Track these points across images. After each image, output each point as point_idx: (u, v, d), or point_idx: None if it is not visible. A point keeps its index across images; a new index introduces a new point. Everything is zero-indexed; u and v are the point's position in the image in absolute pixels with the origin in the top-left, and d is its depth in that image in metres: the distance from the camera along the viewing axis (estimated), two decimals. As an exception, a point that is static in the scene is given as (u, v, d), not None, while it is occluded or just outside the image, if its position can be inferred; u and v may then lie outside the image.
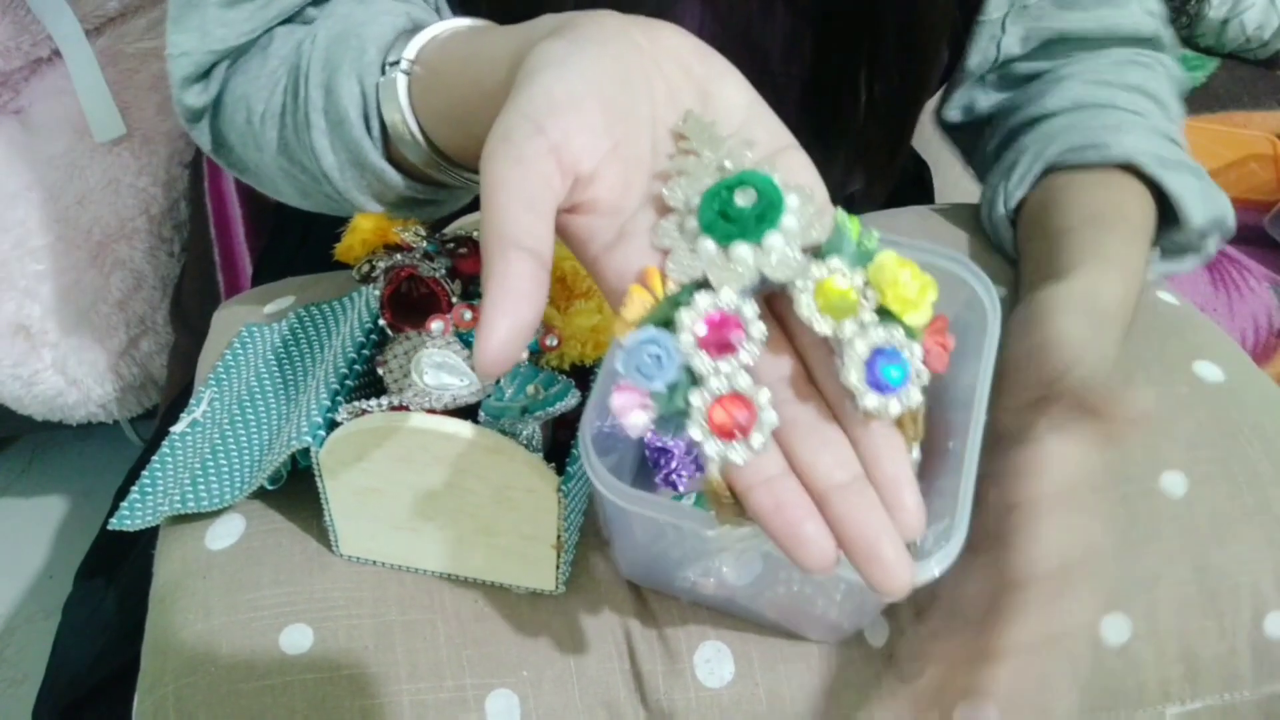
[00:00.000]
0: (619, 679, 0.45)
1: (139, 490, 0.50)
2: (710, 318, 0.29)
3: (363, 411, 0.42)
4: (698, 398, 0.28)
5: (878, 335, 0.29)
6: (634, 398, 0.29)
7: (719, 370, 0.29)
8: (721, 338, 0.29)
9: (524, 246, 0.28)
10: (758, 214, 0.29)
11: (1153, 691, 0.46)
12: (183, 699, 0.43)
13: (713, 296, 0.29)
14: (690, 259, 0.30)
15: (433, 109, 0.44)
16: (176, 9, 0.50)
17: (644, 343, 0.28)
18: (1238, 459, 0.49)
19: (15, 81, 0.97)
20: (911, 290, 0.29)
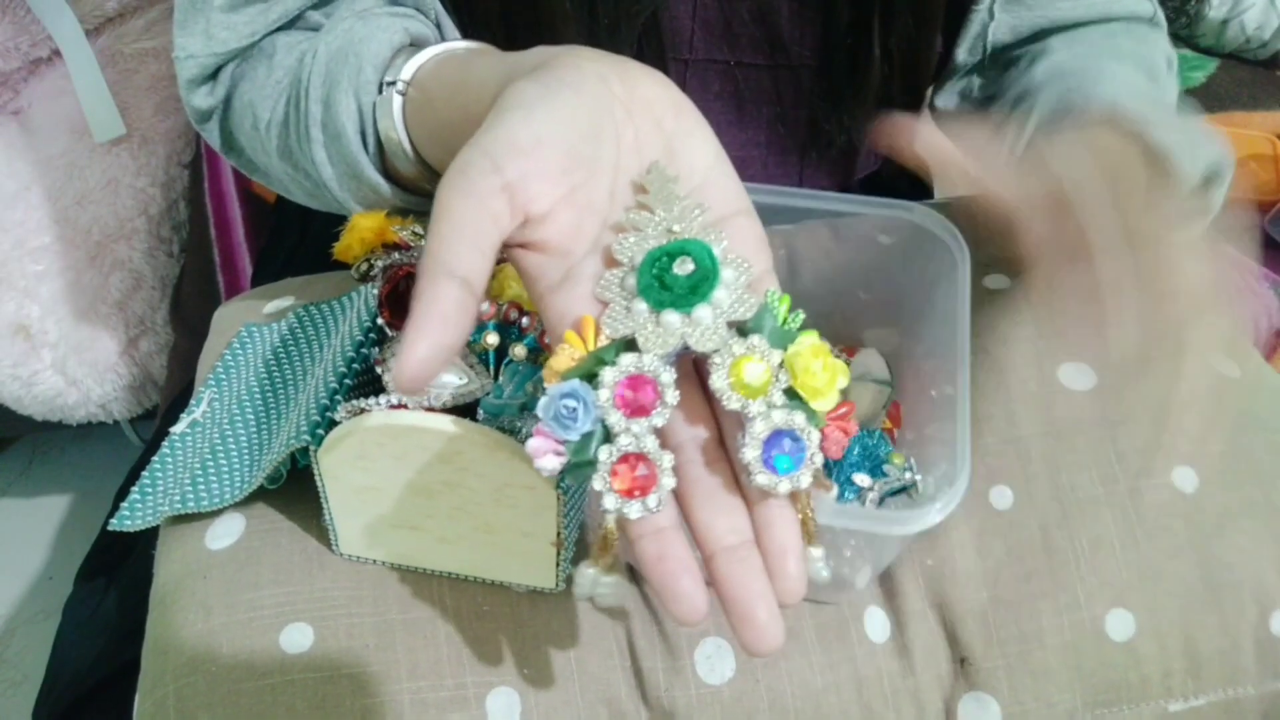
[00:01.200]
0: (620, 676, 0.45)
1: (139, 491, 0.50)
2: (629, 379, 0.30)
3: (362, 410, 0.42)
4: (605, 453, 0.30)
5: (779, 418, 0.30)
6: (548, 444, 0.30)
7: (629, 429, 0.30)
8: (637, 399, 0.30)
9: (455, 275, 0.29)
10: (692, 285, 0.31)
11: (1156, 686, 0.46)
12: (183, 699, 0.43)
13: (636, 358, 0.31)
14: (624, 317, 0.31)
15: (425, 129, 0.45)
16: (181, 13, 0.50)
17: (565, 394, 0.30)
18: (1247, 456, 0.49)
19: (15, 82, 0.97)
20: (820, 379, 0.30)
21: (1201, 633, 0.46)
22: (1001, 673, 0.46)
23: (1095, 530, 0.47)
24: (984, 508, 0.48)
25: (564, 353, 0.31)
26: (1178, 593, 0.46)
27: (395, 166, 0.48)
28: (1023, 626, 0.46)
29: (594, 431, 0.30)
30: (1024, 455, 0.49)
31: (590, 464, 0.30)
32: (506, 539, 0.44)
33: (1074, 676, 0.46)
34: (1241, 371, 0.53)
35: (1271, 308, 0.93)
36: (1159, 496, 0.48)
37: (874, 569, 0.46)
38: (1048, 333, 0.54)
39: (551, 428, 0.30)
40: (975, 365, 0.52)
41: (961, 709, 0.45)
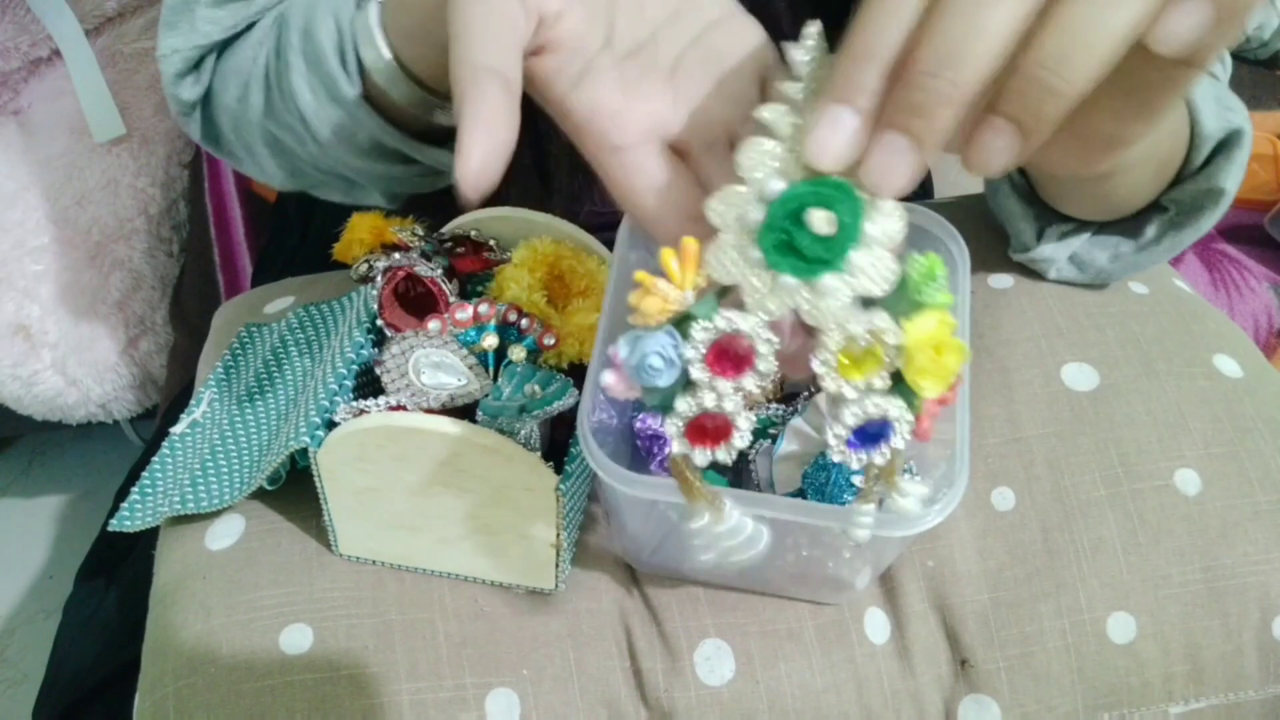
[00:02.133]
0: (619, 677, 0.44)
1: (139, 491, 0.50)
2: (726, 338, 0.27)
3: (361, 411, 0.42)
4: (684, 405, 0.28)
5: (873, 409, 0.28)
6: (626, 383, 0.28)
7: (714, 387, 0.28)
8: (730, 362, 0.28)
9: (494, 71, 0.29)
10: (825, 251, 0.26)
11: (1157, 690, 0.46)
12: (183, 699, 0.43)
13: (738, 317, 0.27)
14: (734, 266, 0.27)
15: (404, 31, 0.44)
16: (170, 14, 0.52)
17: (653, 346, 0.28)
18: (1251, 457, 0.49)
19: (14, 82, 0.97)
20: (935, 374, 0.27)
21: (1203, 636, 0.46)
22: (1002, 675, 0.45)
23: (1097, 532, 0.47)
24: (986, 509, 0.48)
25: (656, 293, 0.28)
26: (1180, 596, 0.46)
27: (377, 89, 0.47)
28: (1024, 628, 0.46)
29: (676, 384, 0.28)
30: (1026, 456, 0.49)
31: (666, 408, 0.28)
32: (506, 540, 0.44)
33: (1075, 679, 0.45)
34: (1244, 372, 0.53)
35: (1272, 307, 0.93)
36: (1161, 499, 0.48)
37: (874, 570, 0.46)
38: (1051, 333, 0.53)
39: (634, 375, 0.28)
40: (977, 365, 0.52)
41: (962, 711, 0.45)
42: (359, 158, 0.50)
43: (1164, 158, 0.48)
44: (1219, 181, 0.48)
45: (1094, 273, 0.55)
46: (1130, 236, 0.53)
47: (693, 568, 0.46)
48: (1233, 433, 0.50)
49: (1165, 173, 0.49)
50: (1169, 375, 0.52)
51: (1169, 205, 0.50)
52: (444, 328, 0.45)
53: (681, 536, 0.43)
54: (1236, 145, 0.48)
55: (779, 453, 0.46)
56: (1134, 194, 0.50)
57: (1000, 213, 0.58)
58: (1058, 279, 0.56)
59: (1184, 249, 0.53)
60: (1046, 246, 0.54)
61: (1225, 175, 0.48)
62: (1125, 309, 0.55)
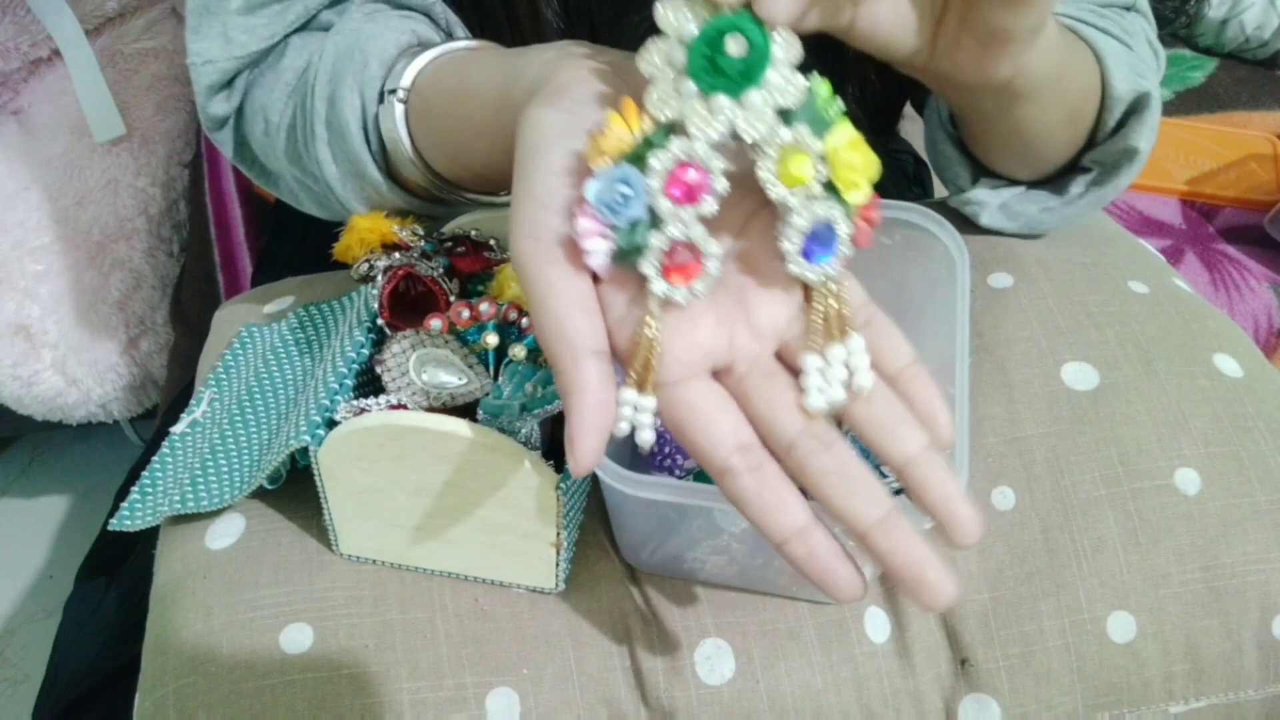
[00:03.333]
0: (619, 677, 0.44)
1: (139, 491, 0.50)
2: (679, 165, 0.30)
3: (361, 410, 0.42)
4: (656, 239, 0.30)
5: (819, 210, 0.30)
6: (596, 226, 0.30)
7: (679, 216, 0.30)
8: (688, 186, 0.30)
9: (592, 350, 0.30)
10: (744, 68, 0.29)
11: (1157, 689, 0.46)
12: (183, 699, 0.43)
13: (686, 144, 0.30)
14: (674, 98, 0.30)
15: (427, 136, 0.45)
16: (195, 18, 0.50)
17: (617, 179, 0.30)
18: (1252, 457, 0.49)
19: (14, 82, 0.97)
20: (860, 174, 0.30)
21: (1203, 636, 0.46)
22: (1002, 674, 0.45)
23: (1097, 531, 0.47)
24: (986, 508, 0.48)
25: (611, 133, 0.30)
26: (1180, 595, 0.46)
27: (398, 169, 0.48)
28: (1024, 628, 0.46)
29: (643, 218, 0.30)
30: (1026, 456, 0.49)
31: (638, 250, 0.30)
32: (506, 539, 0.44)
33: (1075, 678, 0.45)
34: (1244, 372, 0.53)
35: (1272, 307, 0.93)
36: (1161, 498, 0.48)
37: (873, 569, 0.46)
38: (1051, 332, 0.53)
39: (601, 213, 0.30)
40: (978, 365, 0.52)
41: (962, 710, 0.45)
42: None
43: (1074, 104, 0.49)
44: (1133, 141, 0.51)
45: (1024, 221, 0.57)
46: (1057, 193, 0.55)
47: (693, 568, 0.46)
48: (1233, 432, 0.50)
49: (1078, 124, 0.51)
50: (1169, 375, 0.52)
51: (1090, 166, 0.54)
52: (444, 327, 0.45)
53: (682, 534, 0.44)
54: (1146, 107, 0.51)
55: None
56: (1050, 140, 0.51)
57: (938, 160, 0.59)
58: (989, 225, 0.57)
59: (1107, 204, 0.57)
60: (980, 191, 0.56)
61: (1138, 135, 0.51)
62: (1125, 308, 0.55)
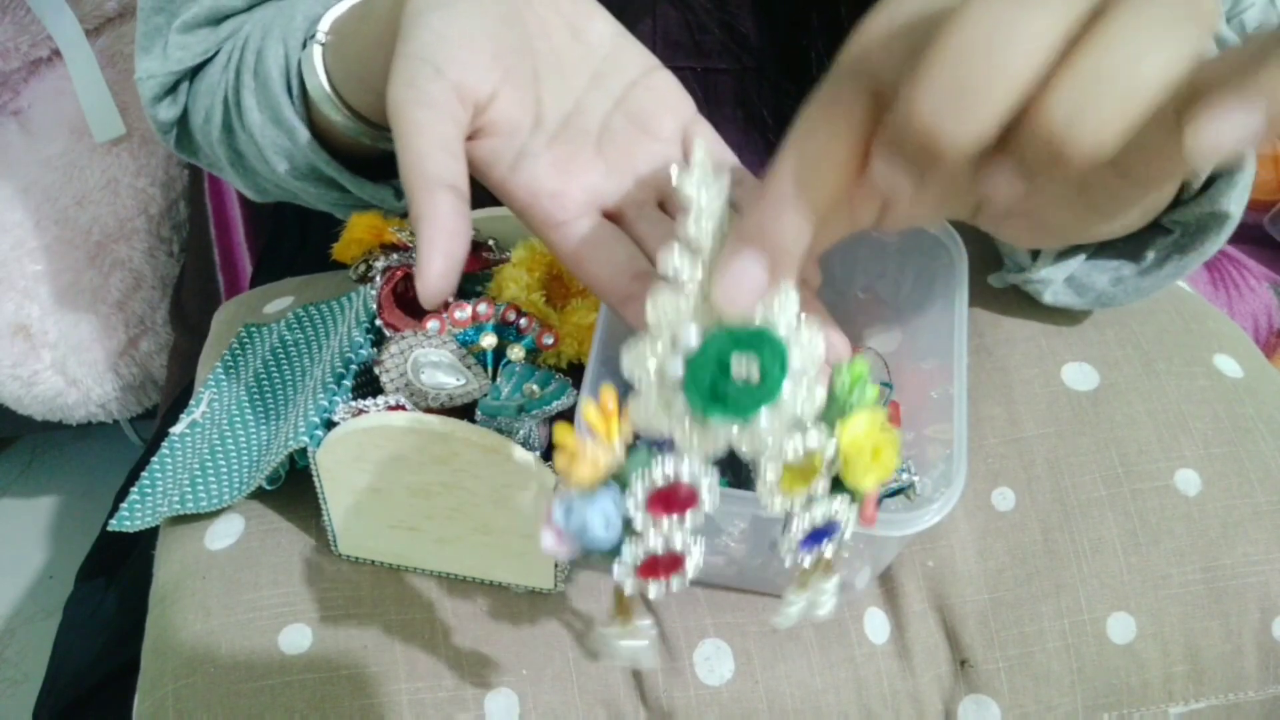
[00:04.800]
0: (618, 677, 0.44)
1: (138, 491, 0.50)
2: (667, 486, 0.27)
3: (360, 411, 0.42)
4: (629, 554, 0.28)
5: (819, 515, 0.28)
6: (569, 546, 0.27)
7: (660, 531, 0.27)
8: (672, 504, 0.27)
9: (446, 184, 0.30)
10: (753, 397, 0.25)
11: (1157, 690, 0.46)
12: (182, 699, 0.43)
13: (674, 461, 0.27)
14: (658, 413, 0.26)
15: (344, 72, 0.46)
16: (144, 39, 0.53)
17: (592, 511, 0.27)
18: (1252, 458, 0.49)
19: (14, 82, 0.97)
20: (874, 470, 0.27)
21: (1203, 637, 0.46)
22: (1002, 675, 0.45)
23: (1097, 532, 0.47)
24: (986, 509, 0.48)
25: (585, 453, 0.26)
26: (1180, 596, 0.46)
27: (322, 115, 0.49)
28: (1024, 628, 0.46)
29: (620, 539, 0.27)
30: (1026, 456, 0.49)
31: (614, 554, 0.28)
32: (505, 540, 0.44)
33: (1075, 679, 0.45)
34: (1244, 372, 0.52)
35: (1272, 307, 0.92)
36: (1161, 499, 0.48)
37: (873, 570, 0.46)
38: (1050, 332, 0.53)
39: (575, 540, 0.27)
40: (978, 365, 0.52)
41: (961, 711, 0.45)
42: (302, 181, 0.52)
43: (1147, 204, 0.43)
44: (1221, 206, 0.45)
45: (1094, 296, 0.51)
46: (1131, 259, 0.49)
47: None
48: (1233, 433, 0.50)
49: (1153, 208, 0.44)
50: (1169, 375, 0.52)
51: (1172, 227, 0.47)
52: (443, 327, 0.45)
53: None
54: (1237, 169, 0.45)
55: None
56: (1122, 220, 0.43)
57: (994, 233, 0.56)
58: (1054, 303, 0.52)
59: (1190, 271, 0.48)
60: (1042, 269, 0.50)
61: (1228, 199, 0.45)
62: (1125, 309, 0.55)
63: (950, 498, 0.37)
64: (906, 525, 0.37)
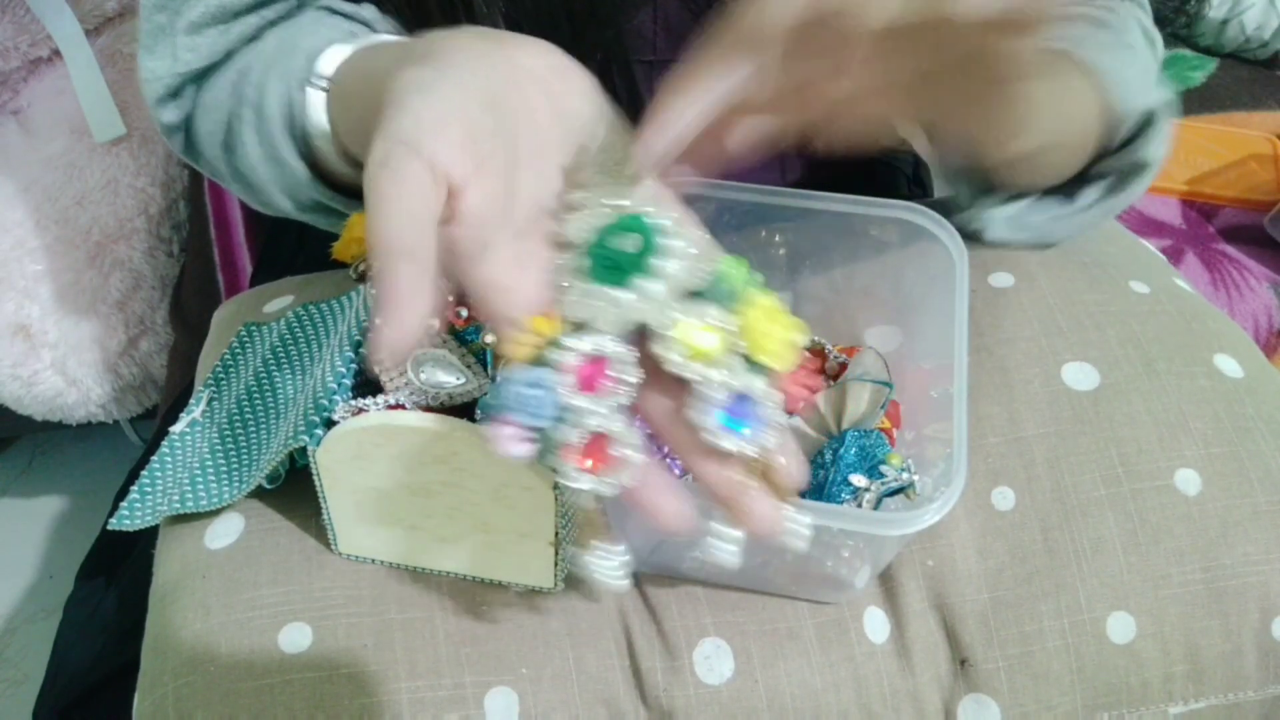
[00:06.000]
0: (618, 676, 0.44)
1: (138, 490, 0.50)
2: (590, 361, 0.31)
3: (360, 410, 0.42)
4: (572, 435, 0.30)
5: (736, 383, 0.30)
6: (514, 431, 0.31)
7: (594, 410, 0.30)
8: (597, 380, 0.30)
9: (406, 252, 0.30)
10: (641, 260, 0.31)
11: (1157, 690, 0.46)
12: (182, 698, 0.43)
13: (594, 339, 0.31)
14: (579, 300, 0.32)
15: (345, 122, 0.47)
16: (148, 38, 0.53)
17: (528, 382, 0.30)
18: (1252, 457, 0.49)
19: (14, 82, 0.97)
20: (775, 342, 0.30)
21: (1203, 637, 0.46)
22: (1002, 674, 0.45)
23: (1097, 532, 0.47)
24: (986, 508, 0.48)
25: (519, 340, 0.32)
26: (1180, 596, 0.46)
27: (323, 158, 0.49)
28: (1023, 628, 0.46)
29: (561, 416, 0.31)
30: (1026, 456, 0.49)
31: (559, 446, 0.31)
32: (504, 539, 0.44)
33: (1075, 679, 0.45)
34: (1245, 372, 0.52)
35: (1272, 307, 0.93)
36: (1161, 499, 0.48)
37: (872, 569, 0.46)
38: (1051, 332, 0.53)
39: (518, 416, 0.30)
40: (978, 364, 0.52)
41: (961, 710, 0.45)
42: (305, 213, 0.53)
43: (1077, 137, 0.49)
44: (1143, 155, 0.51)
45: (1032, 233, 0.55)
46: (1067, 202, 0.54)
47: (691, 567, 0.46)
48: (1233, 433, 0.50)
49: (1085, 148, 0.51)
50: (1169, 375, 0.52)
51: (1102, 174, 0.53)
52: (441, 327, 0.45)
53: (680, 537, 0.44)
54: (1154, 121, 0.50)
55: None
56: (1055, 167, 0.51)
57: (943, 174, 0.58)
58: (996, 240, 0.56)
59: (1119, 212, 0.55)
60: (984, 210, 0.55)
61: (1147, 149, 0.50)
62: (1126, 308, 0.55)
63: (950, 497, 0.37)
64: (906, 524, 0.37)
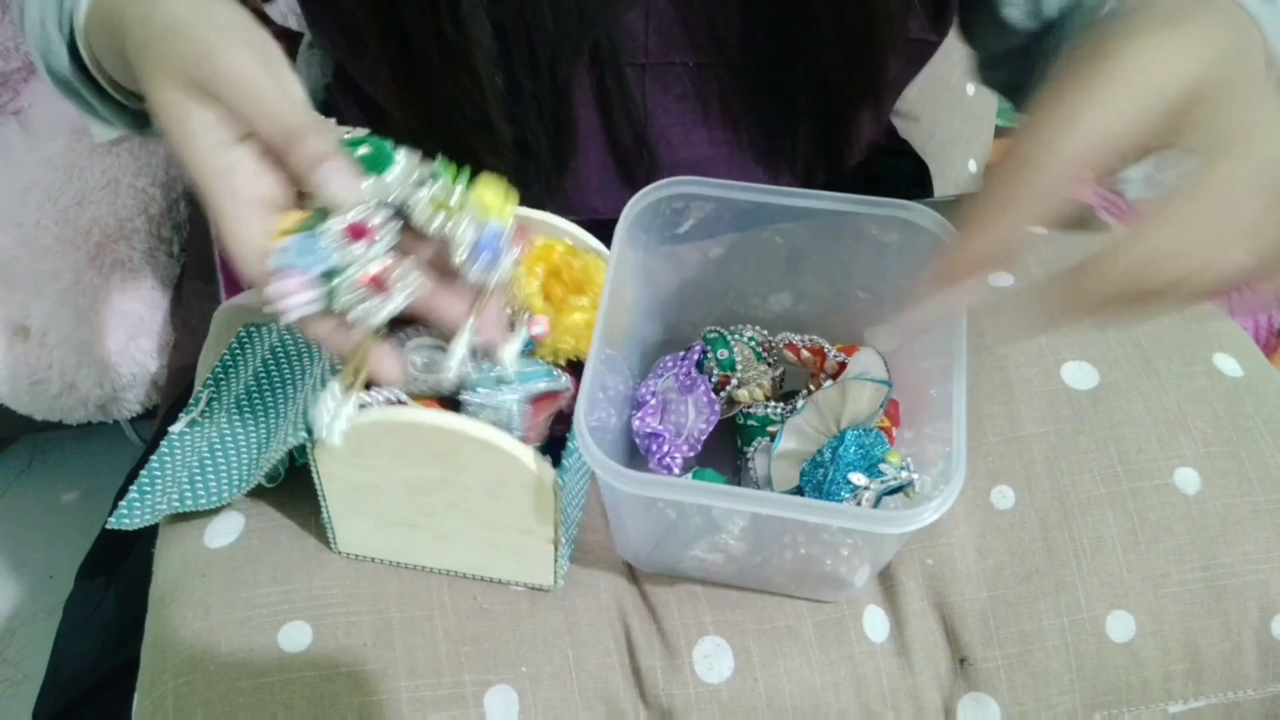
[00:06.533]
0: (618, 675, 0.44)
1: (138, 490, 0.50)
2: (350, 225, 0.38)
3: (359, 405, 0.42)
4: (354, 268, 0.37)
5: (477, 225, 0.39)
6: (295, 283, 0.37)
7: (363, 253, 0.37)
8: (360, 230, 0.38)
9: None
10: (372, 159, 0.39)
11: (1156, 688, 0.46)
12: (181, 697, 0.43)
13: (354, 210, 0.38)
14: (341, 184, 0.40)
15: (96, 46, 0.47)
16: None
17: (304, 239, 0.37)
18: (1251, 457, 0.49)
19: (14, 82, 0.97)
20: (497, 197, 0.40)
21: (1203, 635, 0.46)
22: (1001, 673, 0.45)
23: (1097, 531, 0.47)
24: (985, 507, 0.48)
25: (287, 219, 0.38)
26: (1179, 595, 0.46)
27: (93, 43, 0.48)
28: (1023, 627, 0.46)
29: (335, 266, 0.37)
30: (1026, 455, 0.49)
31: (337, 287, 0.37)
32: (504, 536, 0.44)
33: (1074, 678, 0.45)
34: (1244, 372, 0.52)
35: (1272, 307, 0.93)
36: (1161, 498, 0.48)
37: (872, 568, 0.46)
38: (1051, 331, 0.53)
39: (296, 265, 0.37)
40: (977, 364, 0.52)
41: (961, 709, 0.45)
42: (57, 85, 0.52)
43: None
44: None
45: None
46: None
47: (691, 566, 0.46)
48: (1232, 432, 0.50)
49: None
50: (1169, 374, 0.52)
51: None
52: None
53: (680, 531, 0.44)
54: None
55: (777, 450, 0.46)
56: None
57: None
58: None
59: None
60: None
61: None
62: (1125, 309, 0.55)
63: (949, 495, 0.37)
64: (905, 522, 0.37)
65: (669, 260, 0.51)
